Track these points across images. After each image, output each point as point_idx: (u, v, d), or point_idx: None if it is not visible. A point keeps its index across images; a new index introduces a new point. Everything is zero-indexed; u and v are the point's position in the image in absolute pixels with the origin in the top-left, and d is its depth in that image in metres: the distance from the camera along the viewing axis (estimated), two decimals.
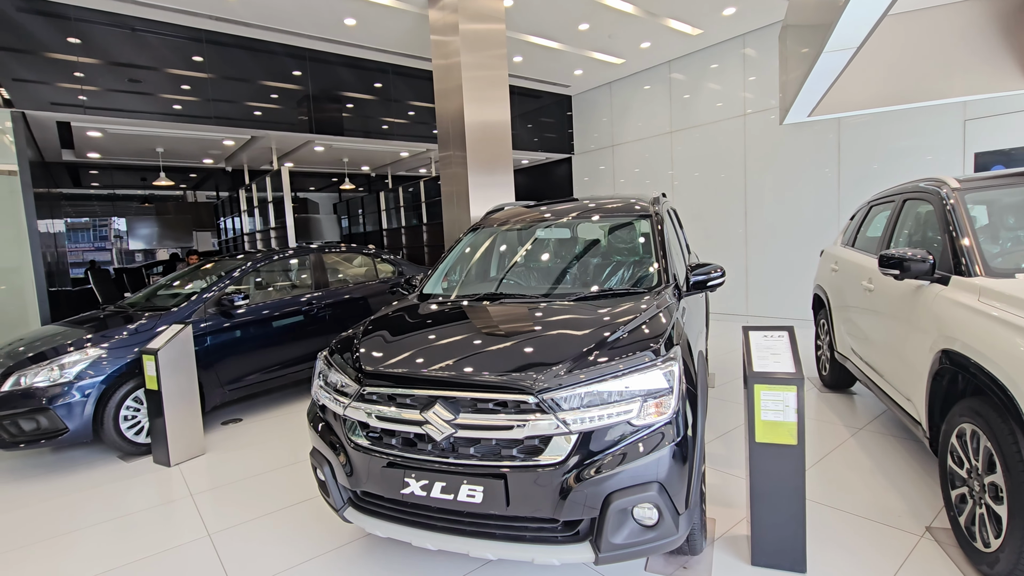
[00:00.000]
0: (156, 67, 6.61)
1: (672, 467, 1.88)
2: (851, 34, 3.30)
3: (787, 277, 7.68)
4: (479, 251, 3.56)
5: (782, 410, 2.19)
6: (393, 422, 2.08)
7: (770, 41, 7.63)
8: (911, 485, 2.95)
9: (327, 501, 2.34)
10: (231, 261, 5.32)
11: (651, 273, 2.87)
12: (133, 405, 4.03)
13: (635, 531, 1.87)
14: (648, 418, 1.89)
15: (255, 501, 3.19)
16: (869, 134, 6.87)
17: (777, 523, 2.25)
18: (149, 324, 4.23)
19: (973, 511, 2.21)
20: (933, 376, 2.52)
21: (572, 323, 2.34)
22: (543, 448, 1.89)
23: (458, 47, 5.47)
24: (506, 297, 2.82)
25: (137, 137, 8.05)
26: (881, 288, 3.31)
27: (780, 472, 2.21)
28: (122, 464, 3.93)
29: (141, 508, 3.22)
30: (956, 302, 2.40)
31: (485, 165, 5.65)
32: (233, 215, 11.74)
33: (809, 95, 4.78)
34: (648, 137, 9.50)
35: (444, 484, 1.94)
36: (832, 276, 4.45)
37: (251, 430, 4.51)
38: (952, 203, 2.81)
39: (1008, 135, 5.86)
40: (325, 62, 7.74)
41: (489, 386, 1.95)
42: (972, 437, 2.20)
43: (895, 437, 3.59)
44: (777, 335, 2.38)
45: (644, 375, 1.93)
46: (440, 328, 2.54)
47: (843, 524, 2.61)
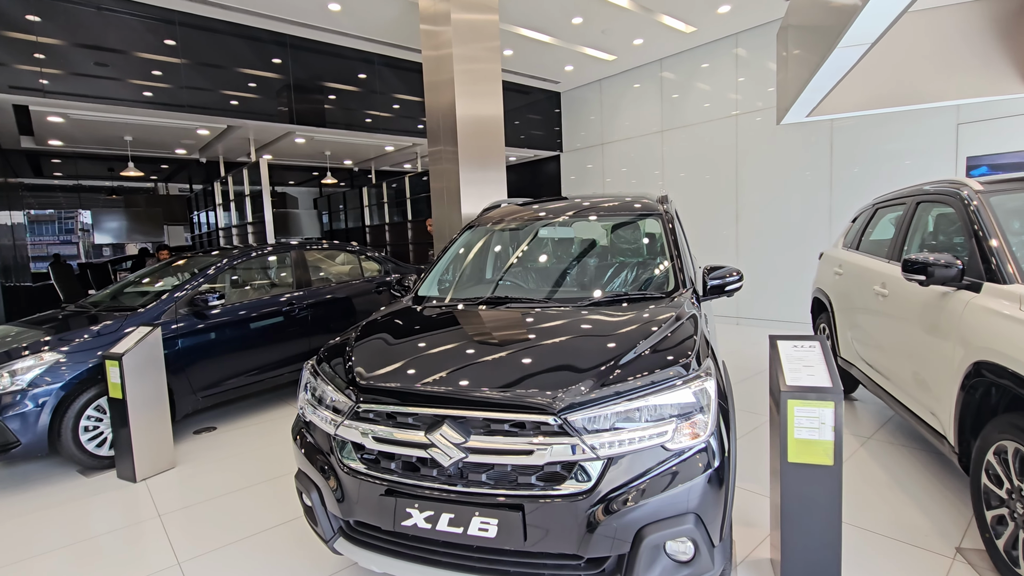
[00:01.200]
0: (125, 50, 6.19)
1: (709, 495, 1.68)
2: (870, 28, 3.16)
3: (778, 279, 7.62)
4: (479, 251, 3.33)
5: (818, 428, 2.01)
6: (393, 444, 1.84)
7: (762, 41, 7.55)
8: (931, 500, 2.82)
9: (315, 530, 2.09)
10: (205, 258, 4.98)
11: (667, 277, 2.68)
12: (95, 415, 3.70)
13: (668, 568, 1.67)
14: (683, 441, 1.69)
15: (231, 522, 2.91)
16: (861, 136, 6.83)
17: (809, 550, 2.08)
18: (114, 325, 3.90)
19: (1015, 534, 2.07)
20: (963, 389, 2.38)
21: (591, 333, 2.13)
22: (566, 475, 1.68)
23: (450, 38, 5.22)
24: (513, 301, 2.59)
25: (103, 124, 7.59)
26: (898, 293, 3.18)
27: (814, 495, 2.04)
28: (82, 480, 3.60)
29: (103, 531, 2.91)
30: (993, 311, 2.26)
31: (477, 161, 5.41)
32: (207, 209, 11.25)
33: (813, 94, 4.66)
34: (637, 136, 9.37)
35: (452, 516, 1.72)
36: (836, 280, 4.34)
37: (227, 440, 4.20)
38: (976, 205, 2.68)
39: (1000, 140, 5.85)
40: (307, 49, 7.39)
41: (504, 405, 1.73)
42: (1016, 456, 2.06)
43: (905, 447, 3.47)
44: (808, 345, 2.21)
45: (677, 392, 1.73)
46: (443, 336, 2.30)
47: (869, 546, 2.46)
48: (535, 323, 2.29)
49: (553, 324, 2.24)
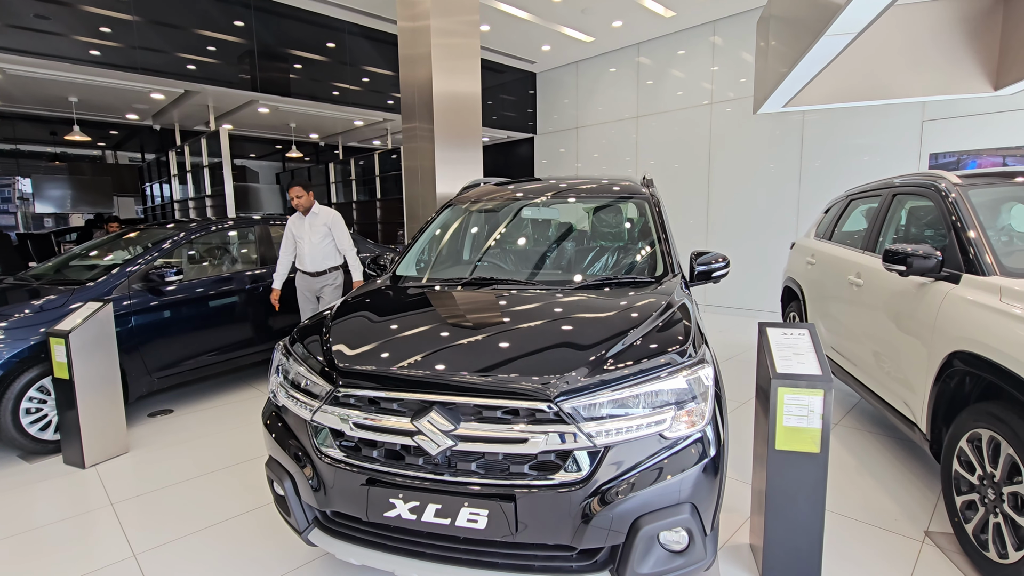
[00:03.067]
0: (70, 2, 5.68)
1: (705, 484, 1.65)
2: (858, 17, 3.15)
3: (746, 267, 7.75)
4: (459, 231, 3.20)
5: (806, 415, 2.00)
6: (376, 431, 1.72)
7: (739, 30, 7.57)
8: (899, 485, 2.90)
9: (287, 521, 1.97)
10: (161, 230, 4.67)
11: (656, 261, 2.63)
12: (38, 396, 3.42)
13: (662, 558, 1.63)
14: (681, 429, 1.65)
15: (190, 511, 2.74)
16: (830, 129, 6.97)
17: (792, 536, 2.09)
18: (59, 300, 3.60)
19: (985, 519, 2.13)
20: (938, 378, 2.43)
21: (585, 317, 2.05)
22: (560, 465, 1.61)
23: (428, 8, 4.99)
24: (499, 283, 2.49)
25: (45, 82, 7.00)
26: (872, 284, 3.24)
27: (799, 482, 2.04)
28: (24, 465, 3.33)
29: (49, 520, 2.69)
30: (971, 301, 2.30)
31: (453, 140, 5.24)
32: (161, 180, 10.62)
33: (793, 83, 4.68)
34: (612, 121, 9.31)
35: (440, 506, 1.62)
36: (808, 269, 4.41)
37: (184, 423, 3.97)
38: (954, 198, 2.73)
39: (962, 138, 6.06)
40: (273, 13, 6.97)
41: (497, 391, 1.64)
42: (989, 443, 2.11)
43: (871, 433, 3.58)
44: (798, 333, 2.20)
45: (676, 379, 1.68)
46: (427, 317, 2.19)
47: (843, 530, 2.50)
48: (523, 306, 2.19)
49: (543, 307, 2.15)
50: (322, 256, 4.44)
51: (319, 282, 4.46)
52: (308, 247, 4.42)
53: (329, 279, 4.48)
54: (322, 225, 4.44)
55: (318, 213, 4.47)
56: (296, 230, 4.48)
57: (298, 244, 4.48)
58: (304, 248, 4.45)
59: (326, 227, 4.44)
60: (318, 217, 4.46)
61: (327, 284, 4.48)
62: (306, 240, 4.42)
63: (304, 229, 4.43)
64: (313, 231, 4.41)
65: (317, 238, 4.42)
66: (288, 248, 4.51)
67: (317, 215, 4.46)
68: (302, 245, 4.45)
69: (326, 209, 4.55)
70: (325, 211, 4.52)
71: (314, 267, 4.42)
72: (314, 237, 4.41)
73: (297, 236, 4.47)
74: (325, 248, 4.47)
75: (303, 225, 4.45)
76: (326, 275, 4.46)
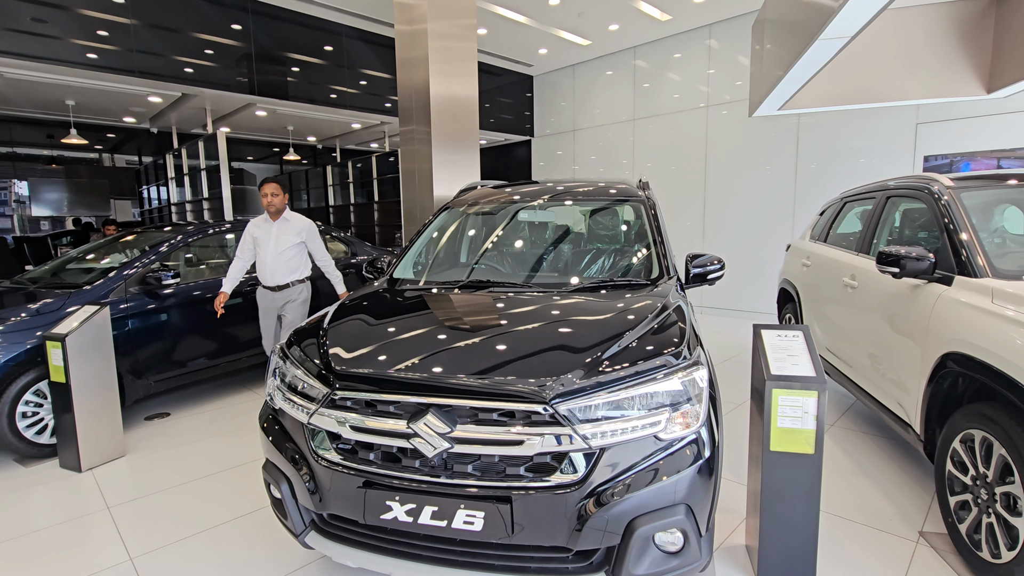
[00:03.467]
0: (67, 6, 5.69)
1: (700, 485, 1.66)
2: (851, 22, 3.18)
3: (742, 269, 7.77)
4: (457, 233, 3.22)
5: (800, 416, 2.02)
6: (372, 434, 1.73)
7: (734, 33, 7.61)
8: (893, 486, 2.92)
9: (284, 524, 1.97)
10: (158, 234, 4.67)
11: (651, 264, 2.64)
12: (34, 400, 3.42)
13: (657, 559, 1.64)
14: (676, 430, 1.66)
15: (186, 515, 2.74)
16: (825, 132, 7.00)
17: (787, 535, 2.10)
18: (55, 304, 3.60)
19: (978, 519, 2.15)
20: (932, 379, 2.45)
21: (580, 320, 2.07)
22: (556, 466, 1.62)
23: (425, 12, 5.01)
24: (495, 286, 2.50)
25: (42, 85, 7.00)
26: (866, 286, 3.26)
27: (794, 483, 2.06)
28: (20, 469, 3.33)
29: (47, 524, 2.69)
30: (964, 303, 2.32)
31: (450, 142, 5.26)
32: (158, 183, 10.61)
33: (788, 86, 4.71)
34: (609, 124, 9.34)
35: (436, 508, 1.63)
36: (803, 271, 4.43)
37: (181, 426, 3.97)
38: (946, 200, 2.75)
39: (956, 140, 6.10)
40: (271, 16, 6.99)
41: (493, 393, 1.65)
42: (983, 444, 2.13)
43: (867, 434, 3.59)
44: (792, 335, 2.21)
45: (671, 381, 1.69)
46: (424, 320, 2.20)
47: (838, 530, 2.52)
48: (520, 308, 2.21)
49: (538, 310, 2.17)
50: (286, 268, 3.92)
51: (282, 297, 3.94)
52: (271, 256, 3.87)
53: (293, 294, 3.97)
54: (293, 234, 3.93)
55: (289, 219, 3.97)
56: (259, 234, 3.93)
57: (259, 251, 3.92)
58: (266, 257, 3.88)
59: (298, 237, 3.95)
60: (289, 224, 3.95)
61: (290, 300, 3.97)
62: (270, 248, 3.88)
63: (270, 235, 3.90)
64: (281, 239, 3.89)
65: (284, 246, 3.90)
66: (245, 254, 3.97)
67: (288, 221, 3.96)
68: (264, 253, 3.89)
69: (299, 216, 4.05)
70: (298, 218, 4.02)
71: (275, 280, 3.91)
72: (280, 245, 3.89)
73: (259, 242, 3.92)
74: (291, 259, 3.94)
75: (269, 230, 3.91)
76: (289, 289, 3.94)
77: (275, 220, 3.94)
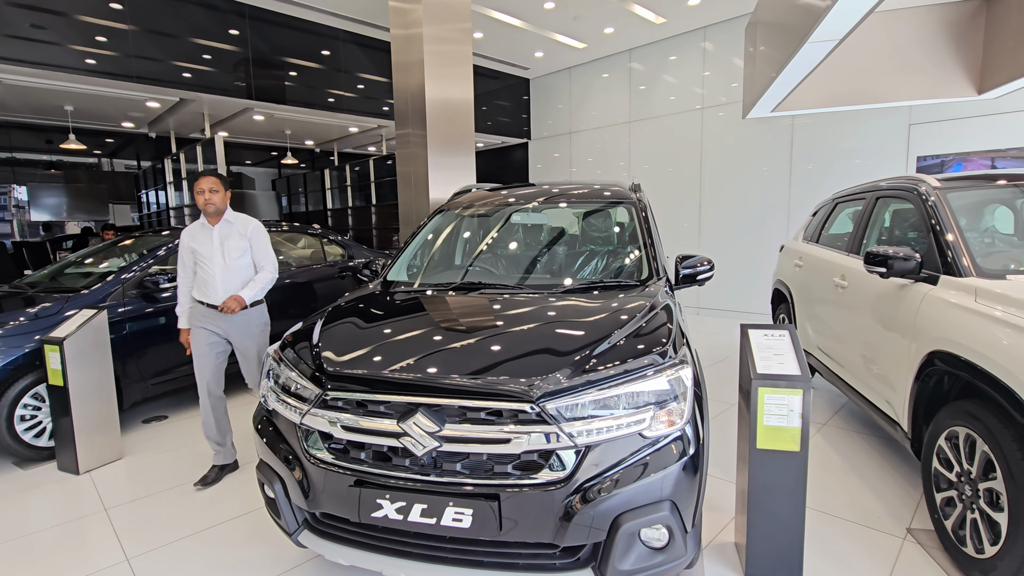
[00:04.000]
0: (65, 12, 5.73)
1: (684, 482, 1.69)
2: (839, 25, 3.22)
3: (738, 270, 7.81)
4: (450, 236, 3.25)
5: (786, 415, 2.05)
6: (363, 433, 1.76)
7: (729, 35, 7.65)
8: (883, 484, 2.94)
9: (277, 523, 2.00)
10: (155, 237, 4.70)
11: (641, 265, 2.68)
12: (32, 403, 3.45)
13: (643, 555, 1.67)
14: (660, 428, 1.69)
15: (182, 516, 2.77)
16: (819, 133, 7.05)
17: (774, 534, 2.13)
18: (54, 308, 3.63)
19: (963, 515, 2.18)
20: (919, 377, 2.48)
21: (566, 320, 2.10)
22: (543, 464, 1.65)
23: (420, 16, 5.06)
24: (486, 287, 2.54)
25: (41, 91, 7.04)
26: (856, 285, 3.29)
27: (780, 480, 2.09)
28: (19, 472, 3.35)
29: (44, 526, 2.72)
30: (948, 302, 2.35)
31: (446, 145, 5.30)
32: (157, 187, 10.66)
33: (780, 88, 4.75)
34: (605, 126, 9.39)
35: (425, 506, 1.66)
36: (796, 272, 4.46)
37: (178, 429, 4.00)
38: (933, 201, 2.79)
39: (948, 141, 6.14)
40: (268, 21, 7.03)
41: (481, 393, 1.68)
42: (967, 441, 2.16)
43: (858, 432, 3.62)
44: (778, 334, 2.25)
45: (655, 380, 1.72)
46: (414, 322, 2.23)
47: (827, 528, 2.54)
48: (509, 310, 2.24)
49: (527, 311, 2.20)
50: (240, 282, 3.08)
51: (238, 324, 3.08)
52: (220, 270, 3.02)
53: (251, 319, 3.13)
54: (239, 238, 3.09)
55: (233, 221, 3.11)
56: (198, 245, 3.05)
57: (202, 266, 3.04)
58: (214, 272, 3.01)
59: (245, 240, 3.10)
60: (232, 226, 3.09)
61: (248, 327, 3.12)
62: (216, 259, 3.01)
63: (212, 243, 3.03)
64: (228, 246, 3.04)
65: (234, 255, 3.05)
66: (187, 273, 3.13)
67: (232, 223, 3.10)
68: (209, 268, 3.01)
69: (243, 216, 3.20)
70: (242, 219, 3.17)
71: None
72: (230, 255, 3.04)
73: (200, 255, 3.04)
74: (244, 270, 3.11)
75: (210, 238, 3.04)
76: (245, 314, 3.10)
77: (215, 224, 3.06)
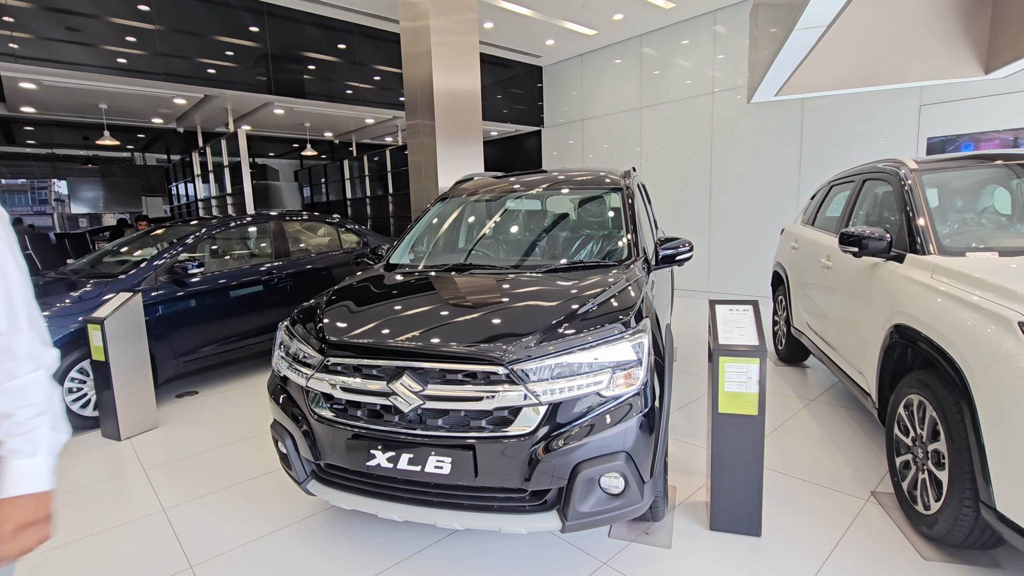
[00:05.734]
0: (97, 15, 6.11)
1: (639, 437, 1.90)
2: (822, 11, 3.31)
3: (748, 254, 7.87)
4: (448, 221, 3.48)
5: (745, 381, 2.24)
6: (358, 393, 2.02)
7: (740, 18, 7.64)
8: (858, 453, 3.10)
9: (289, 474, 2.29)
10: (184, 227, 5.06)
11: (621, 246, 2.87)
12: (79, 377, 3.83)
13: (601, 500, 1.89)
14: (617, 389, 1.90)
15: (212, 475, 3.10)
16: (829, 116, 7.03)
17: (735, 490, 2.33)
18: (94, 292, 4.00)
19: (916, 476, 2.34)
20: (885, 350, 2.62)
21: (541, 295, 2.32)
22: (512, 419, 1.88)
23: (427, 9, 5.25)
24: (475, 268, 2.77)
25: (77, 91, 7.48)
26: (839, 265, 3.42)
27: (740, 441, 2.28)
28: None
29: (91, 483, 3.08)
30: (910, 279, 2.49)
31: (454, 135, 5.51)
32: (186, 180, 11.15)
33: (778, 73, 4.82)
34: (618, 112, 9.46)
35: (411, 456, 1.92)
36: (792, 254, 4.57)
37: (208, 403, 4.36)
38: (910, 184, 2.90)
39: (959, 121, 6.09)
40: (284, 18, 7.32)
41: (458, 357, 1.92)
42: (919, 407, 2.31)
43: (844, 408, 3.76)
44: (742, 308, 2.42)
45: (614, 347, 1.93)
46: (407, 298, 2.48)
47: (796, 490, 2.72)
48: (493, 288, 2.46)
49: (509, 289, 2.42)
50: None
51: None
52: None
53: None
54: None
55: None
56: None
57: None
58: None
59: None
60: None
61: None
62: None
63: None
64: None
65: None
66: None
67: None
68: None
69: None
70: None
71: None
72: None
73: None
74: None
75: None
76: None
77: None
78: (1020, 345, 1.76)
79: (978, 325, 1.95)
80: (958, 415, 2.02)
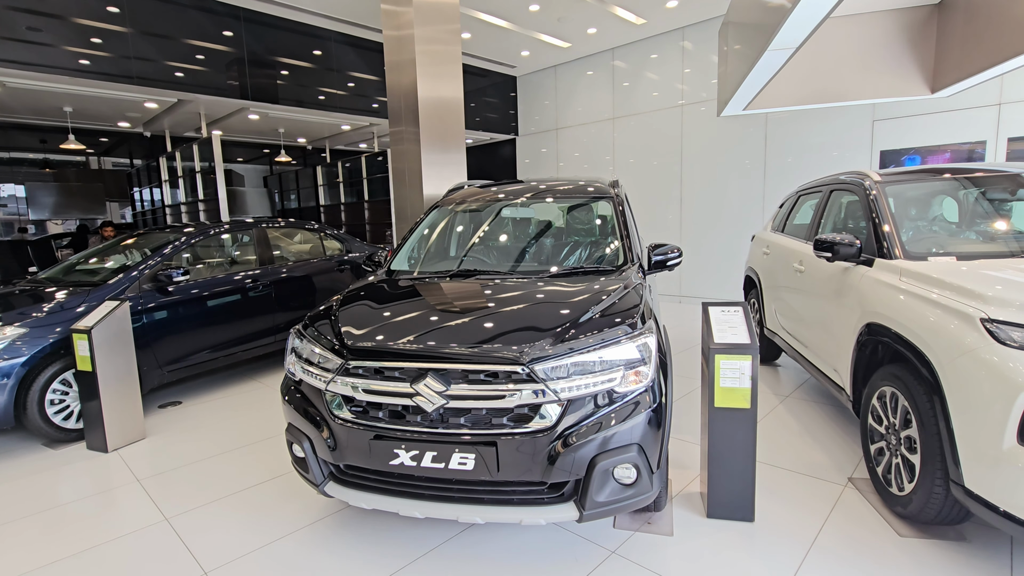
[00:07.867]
0: (61, 15, 5.92)
1: (649, 430, 2.04)
2: (793, 36, 3.58)
3: (717, 259, 8.22)
4: (446, 229, 3.57)
5: (738, 377, 2.41)
6: (381, 395, 2.09)
7: (707, 35, 8.01)
8: (833, 443, 3.34)
9: (305, 477, 2.33)
10: (162, 234, 4.96)
11: (617, 253, 3.03)
12: (61, 388, 3.72)
13: (615, 489, 2.02)
14: (628, 386, 2.04)
15: (210, 484, 3.08)
16: (791, 130, 7.45)
17: (729, 479, 2.50)
18: (76, 301, 3.90)
19: (890, 461, 2.57)
20: (857, 346, 2.86)
21: (551, 299, 2.44)
22: (532, 416, 1.99)
23: (411, 18, 5.34)
24: (481, 274, 2.87)
25: (40, 93, 7.20)
26: (811, 269, 3.67)
27: (734, 433, 2.45)
28: (49, 452, 3.63)
29: (85, 495, 3.01)
30: (880, 281, 2.73)
31: (438, 142, 5.59)
32: (151, 185, 10.81)
33: (748, 90, 5.11)
34: (590, 122, 9.72)
35: (435, 454, 2.00)
36: (764, 259, 4.85)
37: (193, 413, 4.29)
38: (875, 194, 3.16)
39: (909, 136, 6.56)
40: (262, 23, 7.26)
41: (480, 358, 2.02)
42: (891, 398, 2.54)
43: (816, 403, 4.02)
44: (732, 309, 2.61)
45: (624, 346, 2.07)
46: (421, 303, 2.56)
47: (779, 479, 2.92)
48: (502, 292, 2.58)
49: (518, 293, 2.54)
50: None
51: None
52: None
53: None
54: None
55: None
56: None
57: None
58: None
59: None
60: None
61: None
62: None
63: None
64: None
65: None
66: None
67: None
68: None
69: None
70: None
71: None
72: None
73: None
74: None
75: None
76: None
77: None
78: (982, 339, 1.99)
79: (945, 322, 2.18)
80: (928, 404, 2.24)
